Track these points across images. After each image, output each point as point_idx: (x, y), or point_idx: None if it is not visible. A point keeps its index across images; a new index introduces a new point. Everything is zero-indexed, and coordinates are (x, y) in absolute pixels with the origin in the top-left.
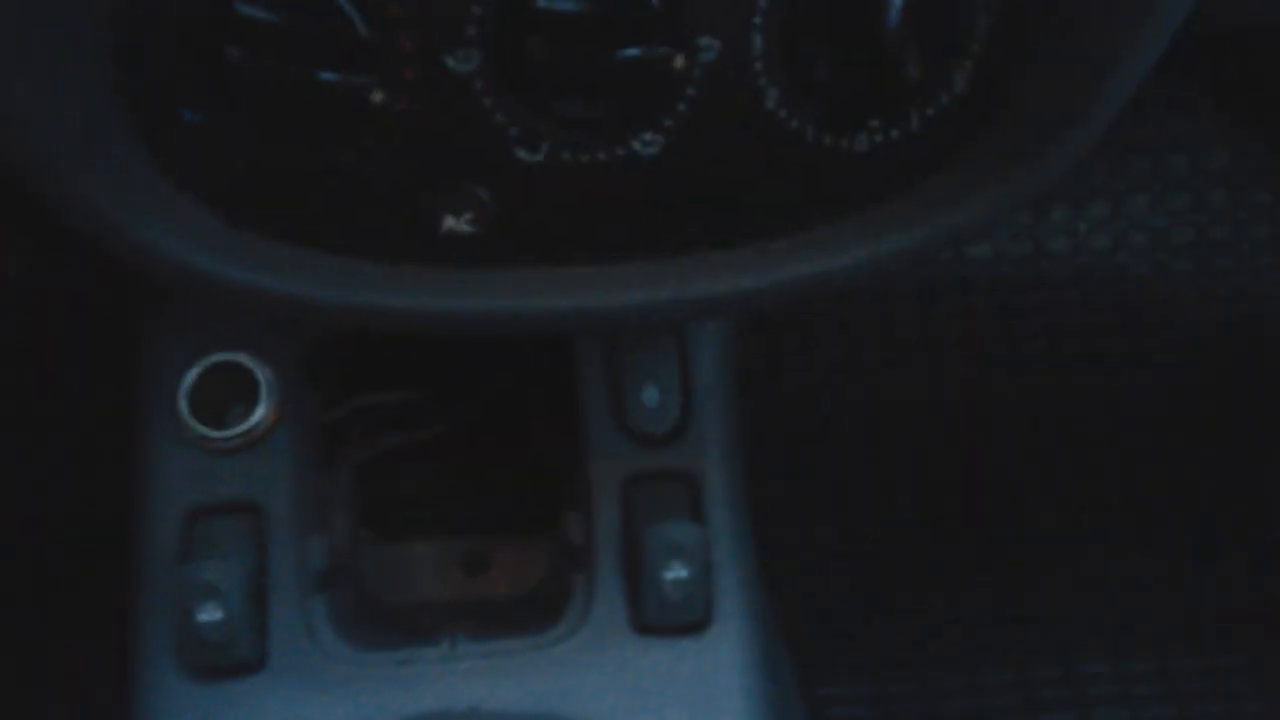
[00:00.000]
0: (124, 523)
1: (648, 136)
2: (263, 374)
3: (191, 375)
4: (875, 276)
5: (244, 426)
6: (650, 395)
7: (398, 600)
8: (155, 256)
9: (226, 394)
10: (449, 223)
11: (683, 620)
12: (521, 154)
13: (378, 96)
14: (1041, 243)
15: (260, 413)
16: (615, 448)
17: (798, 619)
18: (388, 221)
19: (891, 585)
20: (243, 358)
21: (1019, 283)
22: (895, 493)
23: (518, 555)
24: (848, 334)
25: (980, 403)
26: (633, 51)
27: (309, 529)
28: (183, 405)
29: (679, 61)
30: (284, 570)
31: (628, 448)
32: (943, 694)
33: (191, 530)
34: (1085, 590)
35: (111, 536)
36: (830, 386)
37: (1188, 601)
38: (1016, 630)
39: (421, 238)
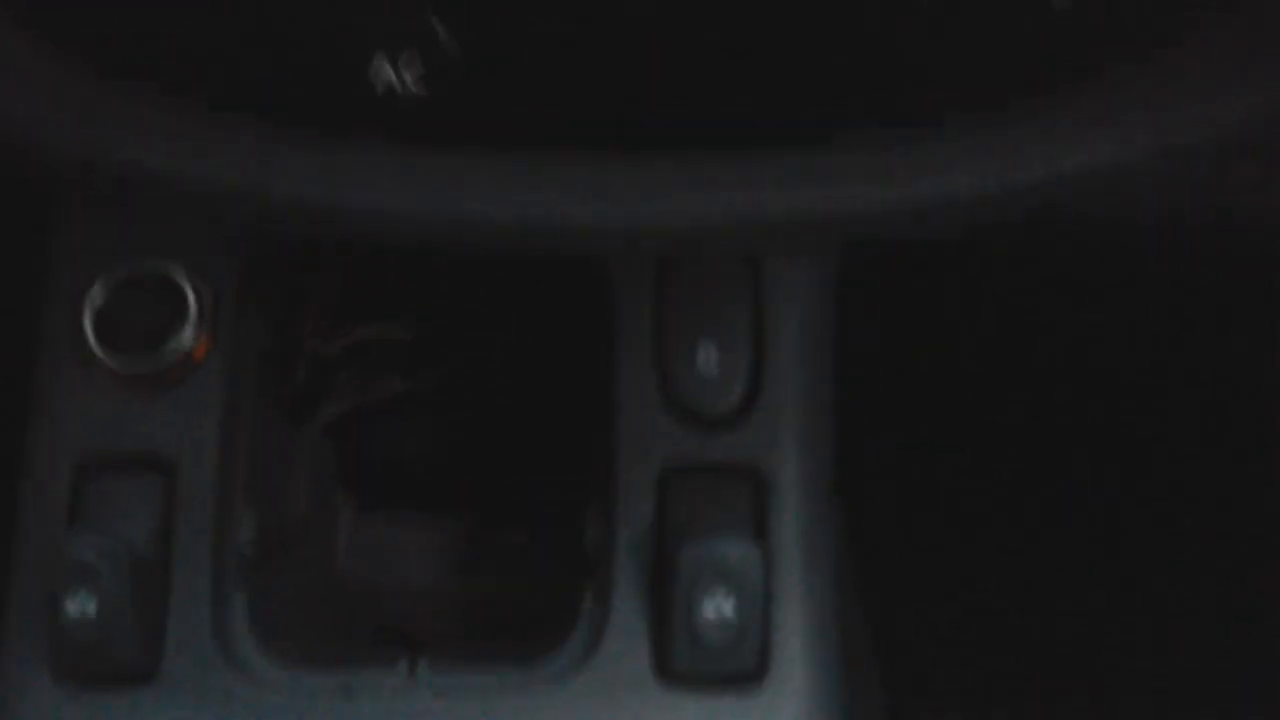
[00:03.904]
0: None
1: None
2: (194, 289)
3: (101, 287)
4: (1072, 200)
5: (160, 354)
6: (708, 357)
7: (370, 588)
8: None
9: (153, 319)
10: (387, 76)
11: (724, 670)
12: None
13: None
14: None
15: (186, 337)
16: (654, 427)
17: (888, 630)
18: (296, 71)
19: (1006, 594)
20: (170, 268)
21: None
22: (1026, 481)
23: (526, 547)
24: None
25: (1149, 376)
26: None
27: (237, 499)
28: (87, 323)
29: None
30: (193, 552)
31: (672, 427)
32: None
33: (82, 489)
34: (1258, 632)
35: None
36: (944, 338)
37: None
38: (1158, 672)
39: (348, 98)
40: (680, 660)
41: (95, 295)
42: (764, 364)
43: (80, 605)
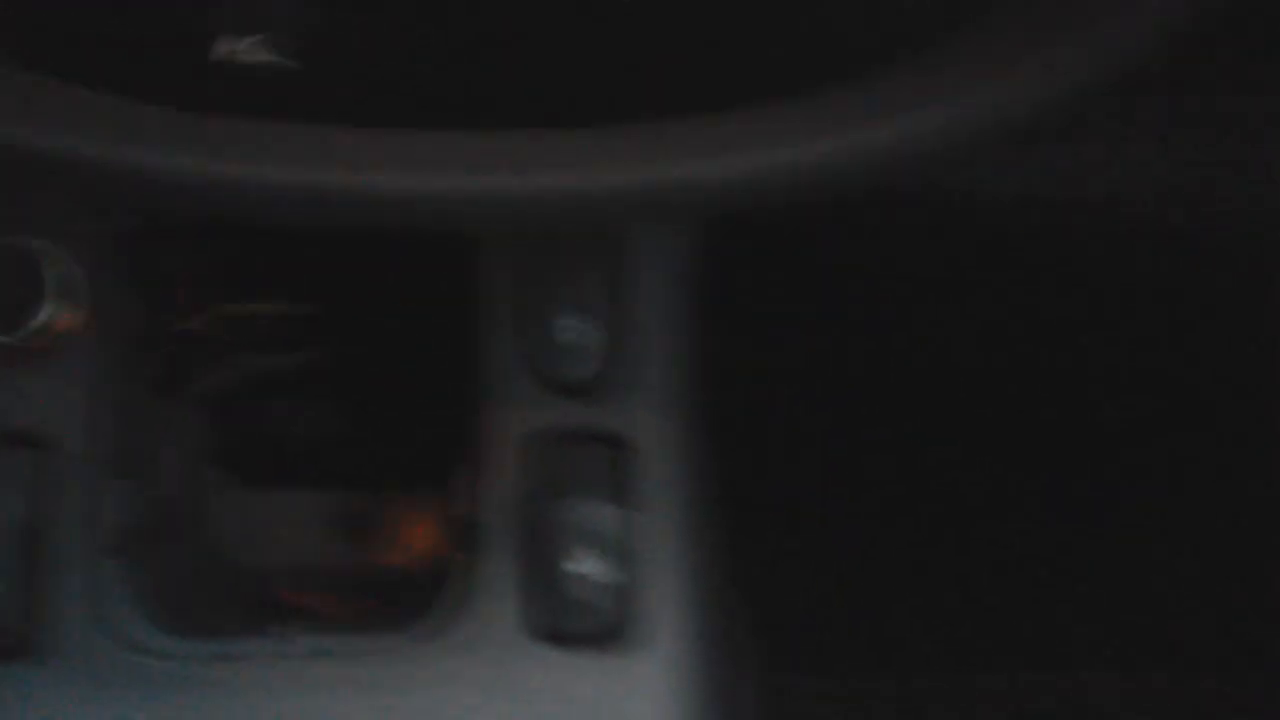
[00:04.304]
0: None
1: None
2: (51, 264)
3: None
4: (895, 171)
5: (22, 330)
6: (568, 326)
7: (249, 562)
8: None
9: (16, 293)
10: (224, 48)
11: (590, 628)
12: None
13: None
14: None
15: (44, 313)
16: (517, 395)
17: (765, 598)
18: (147, 44)
19: (876, 572)
20: (32, 243)
21: (1046, 229)
22: (886, 466)
23: (406, 517)
24: (833, 278)
25: (987, 370)
26: None
27: (111, 472)
28: None
29: None
30: (69, 525)
31: (535, 394)
32: (926, 697)
33: None
34: (1097, 589)
35: None
36: (810, 341)
37: (1213, 603)
38: (1012, 631)
39: (201, 72)
40: (547, 618)
41: None
42: (624, 332)
43: None
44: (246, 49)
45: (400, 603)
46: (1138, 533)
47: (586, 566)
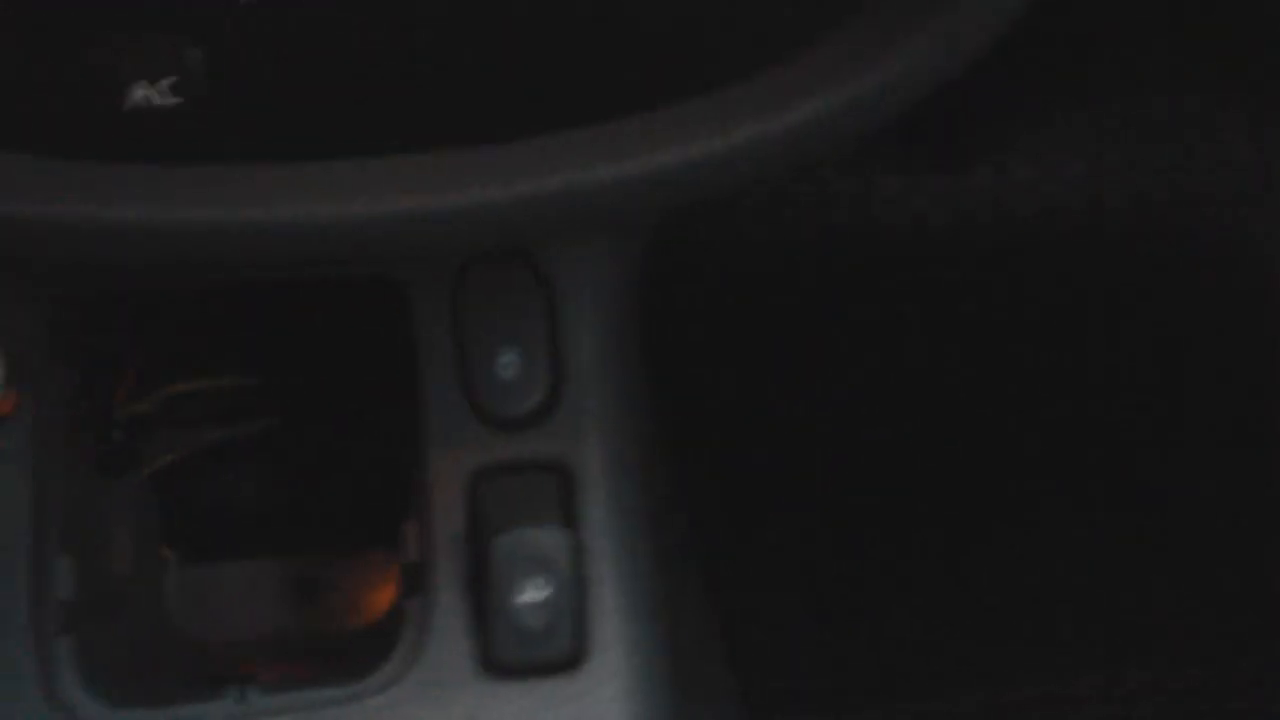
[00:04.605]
0: None
1: None
2: None
3: None
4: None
5: None
6: (507, 363)
7: (204, 635)
8: None
9: None
10: (139, 94)
11: (545, 656)
12: None
13: None
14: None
15: None
16: (460, 433)
17: (740, 633)
18: (46, 92)
19: (848, 595)
20: None
21: (983, 250)
22: (851, 490)
23: (361, 578)
24: (790, 312)
25: (946, 386)
26: None
27: (55, 551)
28: None
29: None
30: (17, 604)
31: (477, 432)
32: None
33: None
34: (1072, 598)
35: None
36: (772, 368)
37: (1189, 609)
38: (993, 646)
39: (101, 118)
40: (501, 649)
41: None
42: (563, 365)
43: None
44: (161, 93)
45: (357, 656)
46: (1133, 538)
47: (538, 596)
